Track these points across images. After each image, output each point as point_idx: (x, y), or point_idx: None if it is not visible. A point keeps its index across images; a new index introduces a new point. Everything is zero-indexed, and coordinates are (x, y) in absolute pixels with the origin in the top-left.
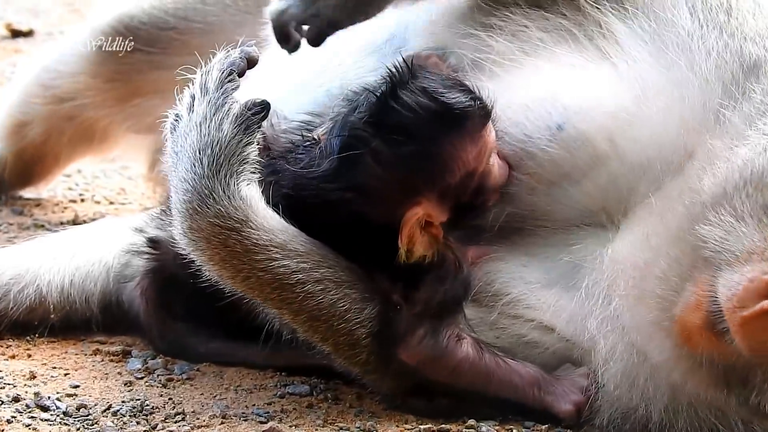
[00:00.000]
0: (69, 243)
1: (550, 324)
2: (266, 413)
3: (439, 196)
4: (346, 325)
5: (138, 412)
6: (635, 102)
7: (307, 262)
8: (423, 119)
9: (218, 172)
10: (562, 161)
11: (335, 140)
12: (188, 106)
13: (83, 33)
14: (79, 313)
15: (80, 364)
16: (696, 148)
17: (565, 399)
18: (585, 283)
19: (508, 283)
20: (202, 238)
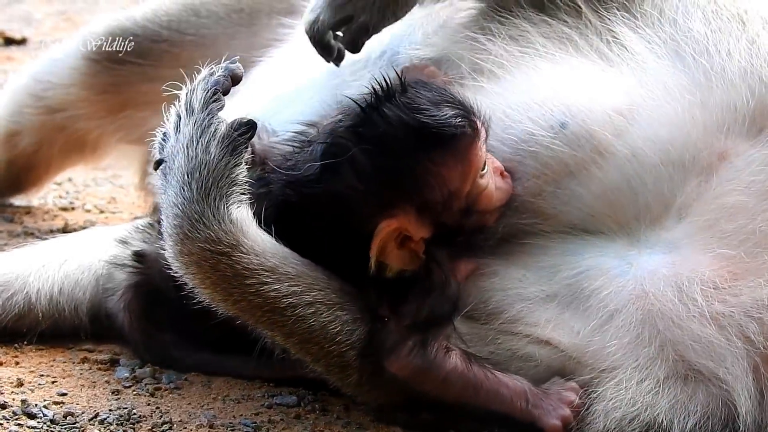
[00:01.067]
0: (58, 251)
1: (549, 339)
2: (253, 423)
3: (417, 212)
4: (336, 348)
5: (125, 421)
6: (650, 101)
7: (299, 285)
8: (400, 134)
9: (207, 195)
10: (567, 159)
11: (318, 146)
12: (175, 126)
13: (74, 44)
14: (68, 321)
15: (68, 372)
16: (728, 150)
17: (552, 413)
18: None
19: (504, 300)
20: (193, 262)
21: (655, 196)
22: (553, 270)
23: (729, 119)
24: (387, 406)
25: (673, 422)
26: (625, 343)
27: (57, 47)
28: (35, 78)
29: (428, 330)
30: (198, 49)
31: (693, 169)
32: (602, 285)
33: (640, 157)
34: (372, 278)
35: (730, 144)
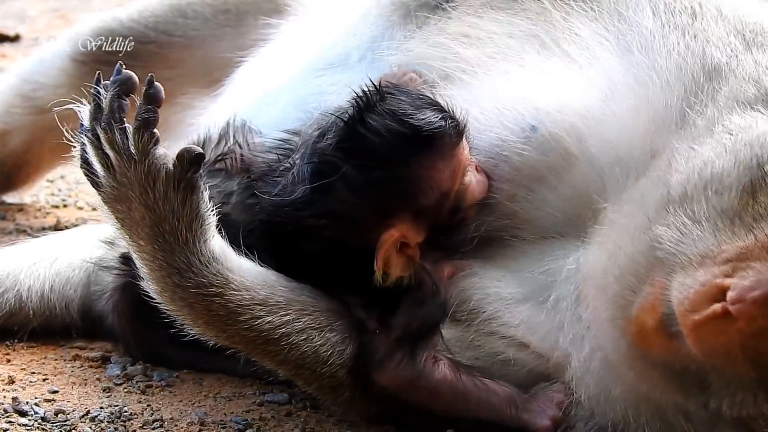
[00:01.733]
0: (50, 248)
1: (524, 340)
2: (245, 421)
3: (414, 218)
4: (328, 369)
5: (116, 418)
6: (603, 101)
7: (290, 313)
8: (392, 143)
9: (186, 243)
10: (537, 164)
11: (306, 167)
12: (104, 164)
13: (62, 45)
14: (59, 318)
15: (59, 369)
16: (660, 149)
17: (541, 415)
18: (554, 297)
19: (483, 300)
20: (185, 306)
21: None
22: (528, 272)
23: (664, 117)
24: (378, 417)
25: None
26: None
27: (45, 48)
28: (24, 78)
29: (419, 340)
30: (186, 50)
31: (634, 169)
32: (568, 287)
33: (592, 160)
34: (363, 291)
35: (661, 142)
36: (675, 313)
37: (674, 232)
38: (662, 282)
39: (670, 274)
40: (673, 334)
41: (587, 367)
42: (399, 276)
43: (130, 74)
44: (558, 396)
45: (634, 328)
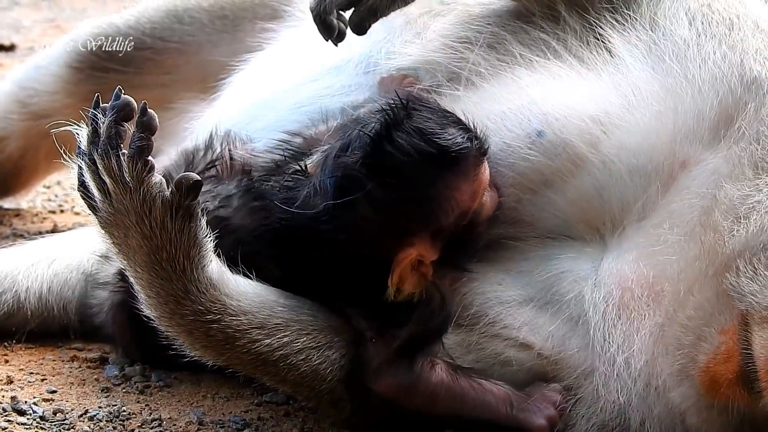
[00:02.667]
0: (48, 250)
1: (526, 341)
2: (243, 421)
3: (432, 237)
4: (327, 386)
5: (114, 418)
6: (624, 108)
7: (288, 334)
8: (419, 163)
9: (184, 271)
10: (543, 168)
11: (329, 180)
12: (101, 189)
13: (58, 51)
14: (57, 319)
15: (57, 370)
16: (691, 160)
17: (537, 414)
18: (559, 299)
19: (484, 304)
20: (184, 331)
21: (620, 204)
22: (530, 274)
23: (695, 127)
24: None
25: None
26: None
27: (41, 54)
28: (20, 85)
29: (419, 349)
30: (182, 56)
31: (656, 177)
32: (571, 288)
33: (609, 165)
34: (368, 303)
35: (692, 152)
36: (756, 369)
37: (755, 285)
38: (738, 332)
39: (751, 328)
40: (752, 387)
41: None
42: (410, 292)
43: (129, 100)
44: (554, 396)
45: (705, 377)
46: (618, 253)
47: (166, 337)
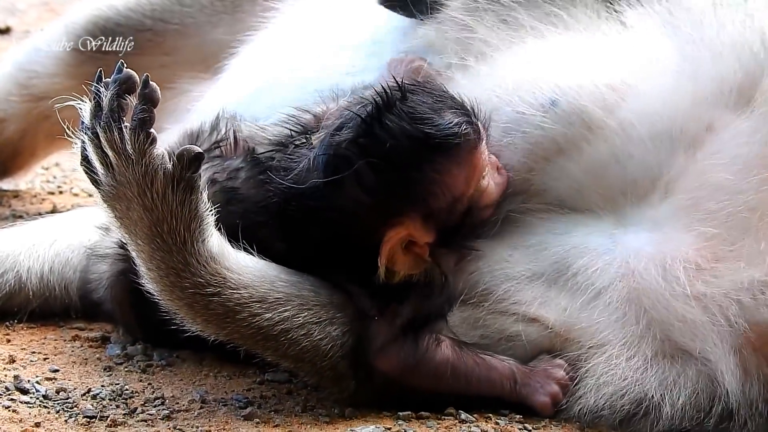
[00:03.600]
0: (49, 230)
1: (536, 316)
2: (245, 399)
3: (423, 219)
4: (329, 362)
5: (117, 396)
6: (641, 75)
7: (289, 309)
8: (406, 146)
9: (185, 243)
10: (557, 136)
11: (320, 158)
12: (104, 162)
13: (58, 33)
14: (58, 299)
15: (59, 349)
16: (714, 122)
17: (540, 391)
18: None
19: (492, 281)
20: (184, 305)
21: (642, 171)
22: (540, 248)
23: (717, 90)
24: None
25: (664, 397)
26: (613, 321)
27: (41, 36)
28: (20, 67)
29: (422, 328)
30: (182, 38)
31: (680, 142)
32: (588, 263)
33: (628, 130)
34: (368, 283)
35: (717, 115)
36: None
37: None
38: None
39: None
40: None
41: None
42: (405, 274)
43: (131, 73)
44: (558, 372)
45: None
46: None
47: (167, 312)
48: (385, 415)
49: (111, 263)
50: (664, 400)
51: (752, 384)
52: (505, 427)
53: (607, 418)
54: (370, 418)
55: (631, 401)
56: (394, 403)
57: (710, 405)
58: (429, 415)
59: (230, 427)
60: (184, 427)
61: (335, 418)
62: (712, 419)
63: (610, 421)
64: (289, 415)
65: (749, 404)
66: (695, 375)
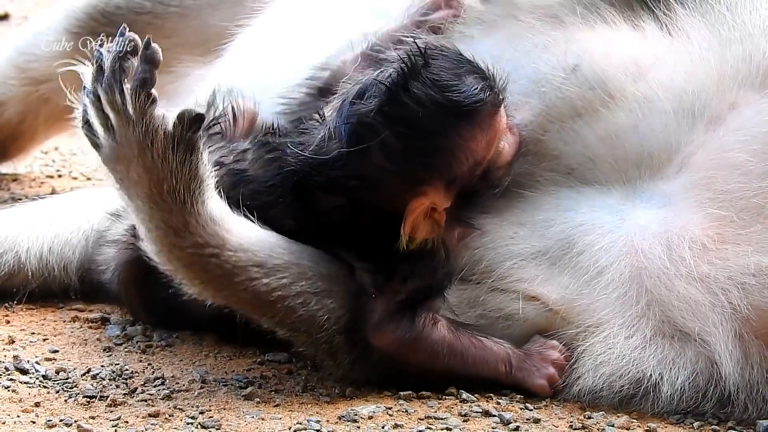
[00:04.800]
0: (48, 211)
1: (537, 294)
2: (246, 379)
3: (446, 186)
4: (325, 335)
5: (117, 376)
6: (669, 51)
7: (287, 276)
8: (433, 114)
9: (184, 203)
10: (576, 100)
11: (343, 127)
12: (104, 124)
13: (57, 17)
14: (58, 280)
15: (59, 330)
16: (739, 101)
17: (536, 374)
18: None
19: (495, 259)
20: (181, 266)
21: (660, 143)
22: (546, 225)
23: (744, 70)
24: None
25: (663, 378)
26: (613, 300)
27: (39, 20)
28: (19, 51)
29: (421, 304)
30: (182, 20)
31: (702, 117)
32: (593, 240)
33: (652, 101)
34: (375, 254)
35: (741, 94)
36: None
37: None
38: None
39: None
40: None
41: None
42: (422, 240)
43: (133, 36)
44: (553, 354)
45: None
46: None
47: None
48: (386, 394)
49: (120, 249)
50: (662, 380)
51: (753, 368)
52: (506, 407)
53: (606, 397)
54: (371, 398)
55: (630, 381)
56: (390, 381)
57: (708, 387)
58: (430, 395)
59: (230, 406)
60: (184, 406)
61: (336, 398)
62: (710, 402)
63: (609, 401)
64: (290, 395)
65: (749, 388)
66: (694, 356)
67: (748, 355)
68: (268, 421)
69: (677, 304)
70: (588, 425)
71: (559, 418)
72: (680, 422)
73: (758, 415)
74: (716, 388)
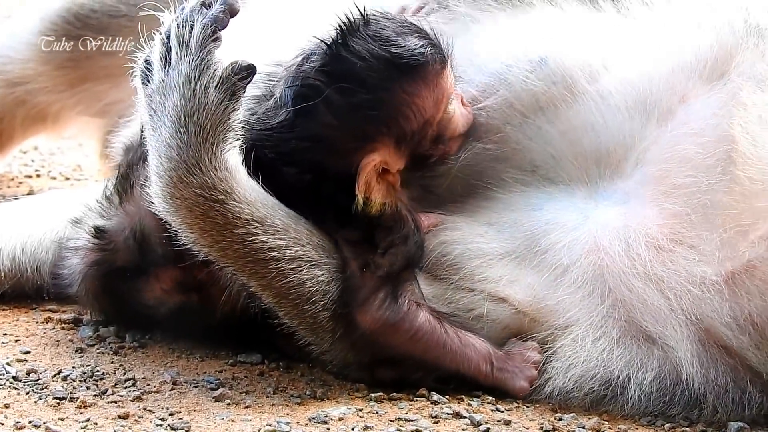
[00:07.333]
0: (22, 211)
1: (505, 296)
2: (217, 380)
3: (396, 143)
4: (311, 308)
5: (88, 378)
6: (628, 46)
7: (283, 238)
8: (374, 67)
9: (205, 141)
10: (539, 93)
11: (288, 90)
12: (162, 58)
13: (32, 19)
14: (31, 281)
15: (31, 331)
16: (688, 93)
17: (519, 375)
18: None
19: (464, 255)
20: (184, 206)
21: (615, 140)
22: (514, 225)
23: (692, 62)
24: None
25: (630, 379)
26: (578, 300)
27: (15, 22)
28: None
29: (399, 278)
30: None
31: (654, 112)
32: (558, 239)
33: (606, 98)
34: (348, 222)
35: (690, 87)
36: None
37: None
38: None
39: None
40: None
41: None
42: (381, 203)
43: None
44: (534, 355)
45: None
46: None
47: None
48: (357, 396)
49: (83, 256)
50: (630, 381)
51: (718, 371)
52: (477, 408)
53: (577, 398)
54: (342, 399)
55: (599, 382)
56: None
57: (676, 390)
58: (401, 396)
59: (200, 408)
60: (154, 408)
61: (306, 399)
62: (679, 404)
63: (580, 402)
64: (261, 396)
65: (717, 391)
66: (660, 358)
67: (711, 359)
68: (238, 423)
69: (638, 306)
70: (559, 427)
71: (530, 420)
72: (651, 424)
73: (729, 417)
74: (684, 391)
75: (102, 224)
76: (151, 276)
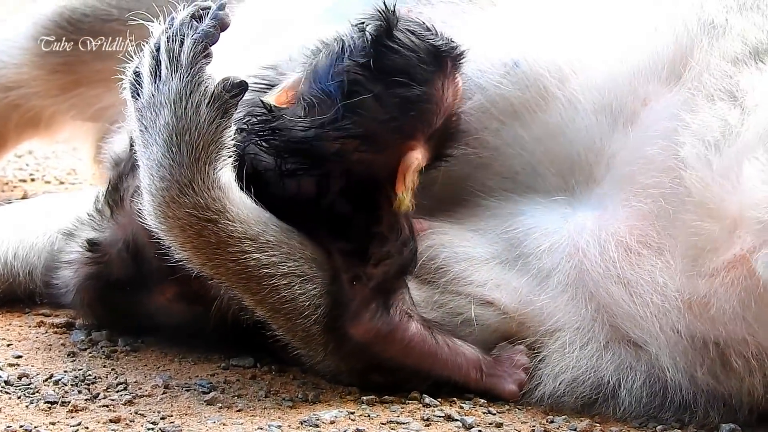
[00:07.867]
0: (14, 216)
1: (491, 300)
2: (209, 384)
3: (426, 140)
4: (303, 322)
5: (80, 382)
6: (595, 49)
7: (277, 255)
8: (418, 60)
9: (197, 160)
10: (513, 99)
11: (331, 86)
12: (153, 71)
13: (25, 24)
14: (23, 285)
15: (24, 335)
16: (649, 96)
17: (508, 380)
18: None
19: (450, 259)
20: (177, 226)
21: (586, 145)
22: (498, 231)
23: (652, 65)
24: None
25: (620, 383)
26: (563, 304)
27: (8, 26)
28: None
29: (392, 287)
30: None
31: (620, 115)
32: (539, 243)
33: (575, 103)
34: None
35: (651, 89)
36: None
37: None
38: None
39: None
40: None
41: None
42: (411, 202)
43: (210, 3)
44: (522, 359)
45: None
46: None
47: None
48: (349, 399)
49: (77, 269)
50: (620, 386)
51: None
52: (469, 411)
53: (568, 402)
54: (334, 403)
55: (590, 387)
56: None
57: (666, 393)
58: (393, 399)
59: (192, 411)
60: (145, 411)
61: (298, 402)
62: (671, 407)
63: (572, 405)
64: (252, 400)
65: (707, 394)
66: (648, 362)
67: (695, 364)
68: (230, 426)
69: (617, 311)
70: (550, 429)
71: (522, 422)
72: (643, 426)
73: (720, 419)
74: (674, 395)
75: (95, 237)
76: (154, 291)
